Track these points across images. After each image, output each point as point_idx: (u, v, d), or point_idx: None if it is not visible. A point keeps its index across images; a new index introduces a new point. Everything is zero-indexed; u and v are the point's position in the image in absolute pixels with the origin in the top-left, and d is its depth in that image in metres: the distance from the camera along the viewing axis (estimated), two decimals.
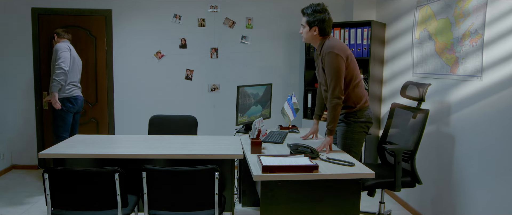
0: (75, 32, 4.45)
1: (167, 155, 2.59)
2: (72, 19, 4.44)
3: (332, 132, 2.67)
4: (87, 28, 4.48)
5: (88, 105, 4.59)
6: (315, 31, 2.72)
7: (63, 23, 4.43)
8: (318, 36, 2.74)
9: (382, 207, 3.08)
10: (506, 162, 2.47)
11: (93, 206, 2.30)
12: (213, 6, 4.67)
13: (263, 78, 4.80)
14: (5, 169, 4.62)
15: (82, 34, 4.49)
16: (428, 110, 2.79)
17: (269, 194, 2.18)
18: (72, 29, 4.42)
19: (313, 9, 2.70)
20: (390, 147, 2.76)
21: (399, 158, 2.69)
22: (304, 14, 2.75)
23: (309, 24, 2.71)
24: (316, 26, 2.70)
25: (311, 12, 2.70)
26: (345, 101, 2.74)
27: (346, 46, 2.75)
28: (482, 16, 2.66)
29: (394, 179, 2.73)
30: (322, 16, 2.68)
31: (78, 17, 4.47)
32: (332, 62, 2.61)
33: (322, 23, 2.69)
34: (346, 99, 2.75)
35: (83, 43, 4.50)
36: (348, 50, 2.72)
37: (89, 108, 4.59)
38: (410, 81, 3.10)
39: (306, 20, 2.72)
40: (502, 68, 2.50)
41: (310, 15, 2.70)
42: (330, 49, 2.63)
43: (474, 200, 2.77)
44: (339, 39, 2.79)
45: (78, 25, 4.48)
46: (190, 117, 3.56)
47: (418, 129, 2.79)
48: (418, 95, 2.90)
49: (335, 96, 2.62)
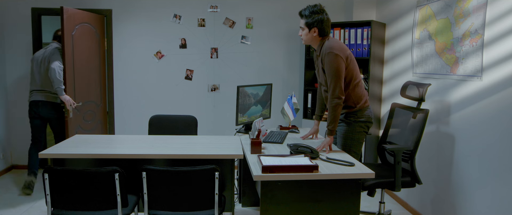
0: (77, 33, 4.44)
1: (167, 155, 2.59)
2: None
3: (333, 132, 2.67)
4: (94, 27, 4.45)
5: (95, 106, 4.52)
6: (314, 32, 2.71)
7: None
8: (318, 37, 2.73)
9: (382, 207, 3.09)
10: (506, 161, 2.47)
11: (93, 206, 2.30)
12: (213, 6, 4.67)
13: (263, 78, 4.80)
14: (5, 169, 4.62)
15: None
16: (428, 110, 2.79)
17: (269, 194, 2.18)
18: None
19: (311, 10, 2.69)
20: (390, 147, 2.76)
21: (398, 158, 2.70)
22: (302, 16, 2.73)
23: (308, 25, 2.71)
24: (315, 27, 2.70)
25: (309, 13, 2.69)
26: (345, 101, 2.74)
27: (346, 46, 2.75)
28: (482, 16, 2.66)
29: (394, 179, 2.73)
30: (320, 17, 2.68)
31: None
32: (332, 62, 2.61)
33: (321, 23, 2.68)
34: (346, 99, 2.75)
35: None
36: (348, 50, 2.72)
37: (97, 109, 4.54)
38: (410, 81, 3.10)
39: (305, 22, 2.71)
40: (502, 68, 2.50)
41: (308, 16, 2.69)
42: (329, 50, 2.63)
43: (474, 200, 2.77)
44: (338, 40, 2.79)
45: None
46: (190, 117, 3.56)
47: (418, 129, 2.79)
48: (418, 95, 2.90)
49: (336, 97, 2.62)
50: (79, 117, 4.15)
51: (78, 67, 4.09)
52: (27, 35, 4.55)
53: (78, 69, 4.10)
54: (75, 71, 4.05)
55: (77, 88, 4.10)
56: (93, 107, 4.42)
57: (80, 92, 4.16)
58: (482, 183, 2.69)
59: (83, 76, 4.20)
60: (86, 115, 4.29)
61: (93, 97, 4.42)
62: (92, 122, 4.39)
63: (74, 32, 4.01)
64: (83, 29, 4.18)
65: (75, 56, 4.03)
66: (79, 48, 4.10)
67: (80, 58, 4.12)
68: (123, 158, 2.61)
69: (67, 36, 3.89)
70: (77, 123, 4.12)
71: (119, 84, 4.72)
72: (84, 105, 4.25)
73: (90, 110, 4.36)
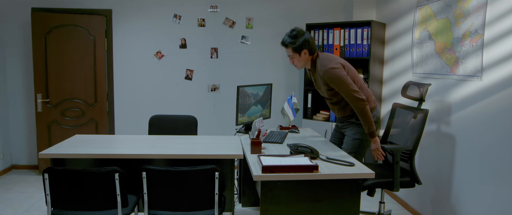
0: (75, 32, 4.45)
1: (167, 155, 2.59)
2: (72, 18, 4.44)
3: (373, 134, 2.66)
4: (86, 27, 4.48)
5: (88, 106, 4.58)
6: (305, 53, 2.73)
7: (63, 23, 4.42)
8: (309, 56, 2.75)
9: (382, 207, 3.09)
10: (507, 162, 2.47)
11: (93, 206, 2.30)
12: (213, 6, 4.67)
13: (263, 78, 4.80)
14: (5, 169, 4.62)
15: (81, 34, 4.48)
16: (428, 110, 2.79)
17: (269, 194, 2.18)
18: (71, 28, 4.43)
19: (293, 35, 2.70)
20: (389, 147, 2.76)
21: (397, 158, 2.70)
22: (287, 45, 2.73)
23: (296, 50, 2.71)
24: (305, 49, 2.71)
25: (292, 39, 2.70)
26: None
27: (336, 56, 2.76)
28: (482, 16, 2.66)
29: (393, 179, 2.73)
30: (305, 37, 2.69)
31: (78, 16, 4.46)
32: (334, 77, 2.62)
33: (308, 43, 2.70)
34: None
35: (82, 43, 4.49)
36: (340, 59, 2.74)
37: (89, 108, 4.58)
38: (411, 81, 3.11)
39: (292, 48, 2.71)
40: (502, 68, 2.50)
41: (293, 42, 2.70)
42: (324, 68, 2.65)
43: (474, 200, 2.77)
44: (326, 53, 2.81)
45: (78, 25, 4.47)
46: (190, 117, 3.56)
47: (417, 129, 2.79)
48: (419, 95, 2.90)
49: (358, 100, 2.61)
50: (54, 112, 4.51)
51: (52, 67, 4.44)
52: (27, 35, 4.55)
53: (54, 69, 4.44)
54: (48, 71, 4.43)
55: (51, 86, 4.48)
56: (81, 106, 4.58)
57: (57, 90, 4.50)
58: (483, 183, 2.69)
59: (63, 76, 4.48)
60: (67, 112, 4.56)
61: (82, 96, 4.56)
62: (79, 119, 4.61)
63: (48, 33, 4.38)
64: (65, 30, 4.42)
65: (49, 56, 4.41)
66: (56, 48, 4.42)
67: (58, 58, 4.44)
68: (123, 158, 2.61)
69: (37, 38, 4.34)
70: (52, 118, 4.52)
71: (119, 84, 4.72)
72: (64, 103, 4.54)
73: (76, 108, 4.58)
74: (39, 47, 4.38)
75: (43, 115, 4.47)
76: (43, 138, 4.52)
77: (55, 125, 4.53)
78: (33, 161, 4.78)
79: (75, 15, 4.45)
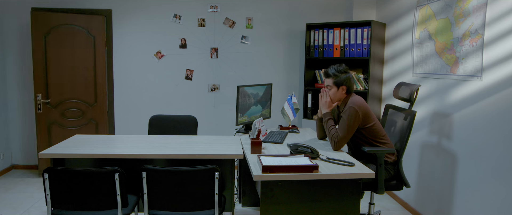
0: (75, 32, 4.45)
1: (167, 155, 2.59)
2: (72, 18, 4.43)
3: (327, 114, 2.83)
4: (86, 27, 4.48)
5: (88, 106, 4.58)
6: (343, 90, 2.82)
7: (63, 22, 4.42)
8: (345, 94, 2.84)
9: (372, 208, 3.08)
10: (507, 162, 2.47)
11: (93, 206, 2.30)
12: (213, 6, 4.67)
13: (263, 78, 4.80)
14: (5, 169, 4.62)
15: (81, 34, 4.48)
16: (415, 112, 2.76)
17: (269, 194, 2.18)
18: (71, 28, 4.42)
19: (338, 70, 2.82)
20: (369, 149, 2.68)
21: (381, 160, 2.66)
22: (329, 76, 2.84)
23: (336, 84, 2.81)
24: (344, 85, 2.81)
25: (337, 72, 2.81)
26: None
27: (367, 105, 2.83)
28: (482, 16, 2.66)
29: (377, 181, 2.69)
30: (348, 75, 2.82)
31: (78, 16, 4.46)
32: (351, 113, 2.70)
33: (349, 81, 2.82)
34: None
35: (82, 43, 4.49)
36: (368, 108, 2.80)
37: (89, 109, 4.58)
38: (402, 82, 3.08)
39: (334, 81, 2.82)
40: (502, 68, 2.50)
41: (336, 76, 2.81)
42: (352, 104, 2.73)
43: (474, 200, 2.77)
44: (361, 98, 2.86)
45: (78, 25, 4.47)
46: (190, 117, 3.56)
47: (405, 131, 2.78)
48: (408, 96, 2.88)
49: (339, 142, 2.69)
50: (54, 112, 4.47)
51: (52, 67, 4.41)
52: (27, 35, 4.55)
53: (54, 69, 4.41)
54: (48, 71, 4.41)
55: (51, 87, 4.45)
56: (81, 106, 4.55)
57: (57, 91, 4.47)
58: (483, 182, 2.69)
59: (63, 76, 4.46)
60: (67, 112, 4.52)
61: (82, 96, 4.54)
62: (78, 119, 4.58)
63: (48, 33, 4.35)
64: (65, 30, 4.39)
65: (48, 56, 4.39)
66: (56, 48, 4.38)
67: (57, 58, 4.41)
68: (123, 158, 2.61)
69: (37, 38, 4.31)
70: (52, 118, 4.48)
71: (119, 84, 4.72)
72: (64, 103, 4.50)
73: (76, 108, 4.55)
74: (39, 47, 4.38)
75: (43, 115, 4.47)
76: (43, 138, 4.51)
77: (55, 125, 4.53)
78: (33, 161, 4.78)
79: (75, 15, 4.45)
